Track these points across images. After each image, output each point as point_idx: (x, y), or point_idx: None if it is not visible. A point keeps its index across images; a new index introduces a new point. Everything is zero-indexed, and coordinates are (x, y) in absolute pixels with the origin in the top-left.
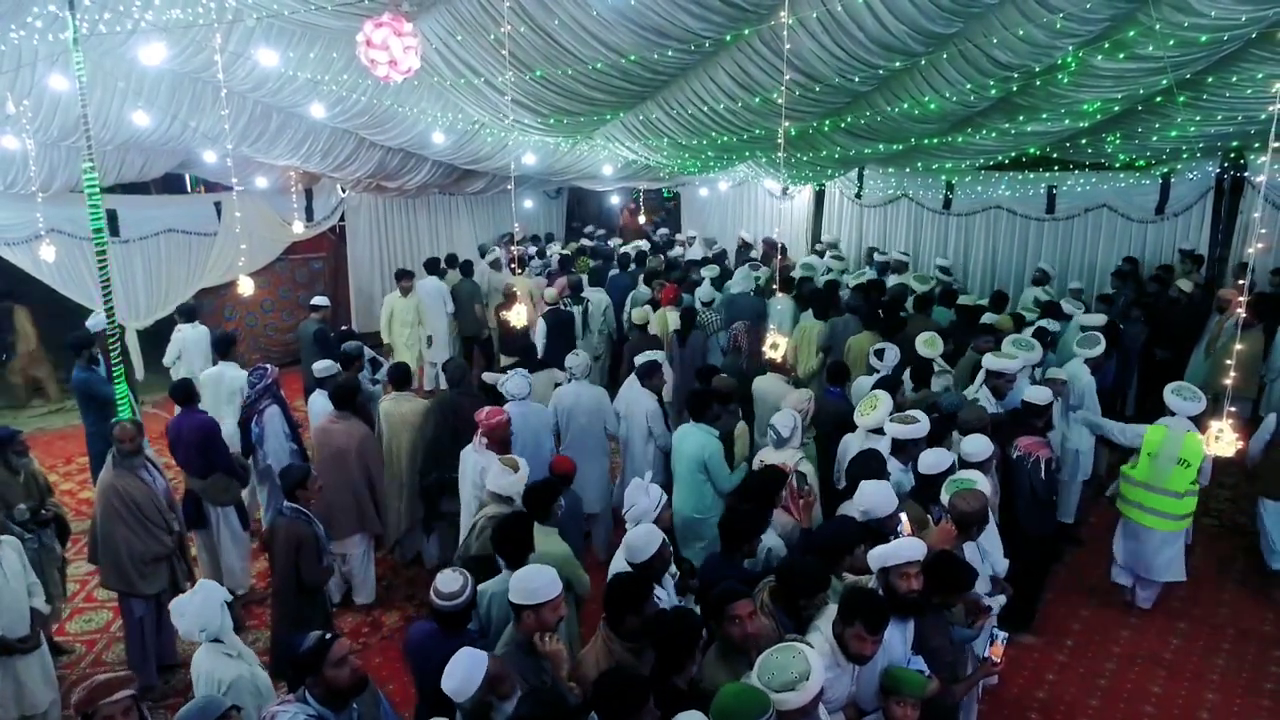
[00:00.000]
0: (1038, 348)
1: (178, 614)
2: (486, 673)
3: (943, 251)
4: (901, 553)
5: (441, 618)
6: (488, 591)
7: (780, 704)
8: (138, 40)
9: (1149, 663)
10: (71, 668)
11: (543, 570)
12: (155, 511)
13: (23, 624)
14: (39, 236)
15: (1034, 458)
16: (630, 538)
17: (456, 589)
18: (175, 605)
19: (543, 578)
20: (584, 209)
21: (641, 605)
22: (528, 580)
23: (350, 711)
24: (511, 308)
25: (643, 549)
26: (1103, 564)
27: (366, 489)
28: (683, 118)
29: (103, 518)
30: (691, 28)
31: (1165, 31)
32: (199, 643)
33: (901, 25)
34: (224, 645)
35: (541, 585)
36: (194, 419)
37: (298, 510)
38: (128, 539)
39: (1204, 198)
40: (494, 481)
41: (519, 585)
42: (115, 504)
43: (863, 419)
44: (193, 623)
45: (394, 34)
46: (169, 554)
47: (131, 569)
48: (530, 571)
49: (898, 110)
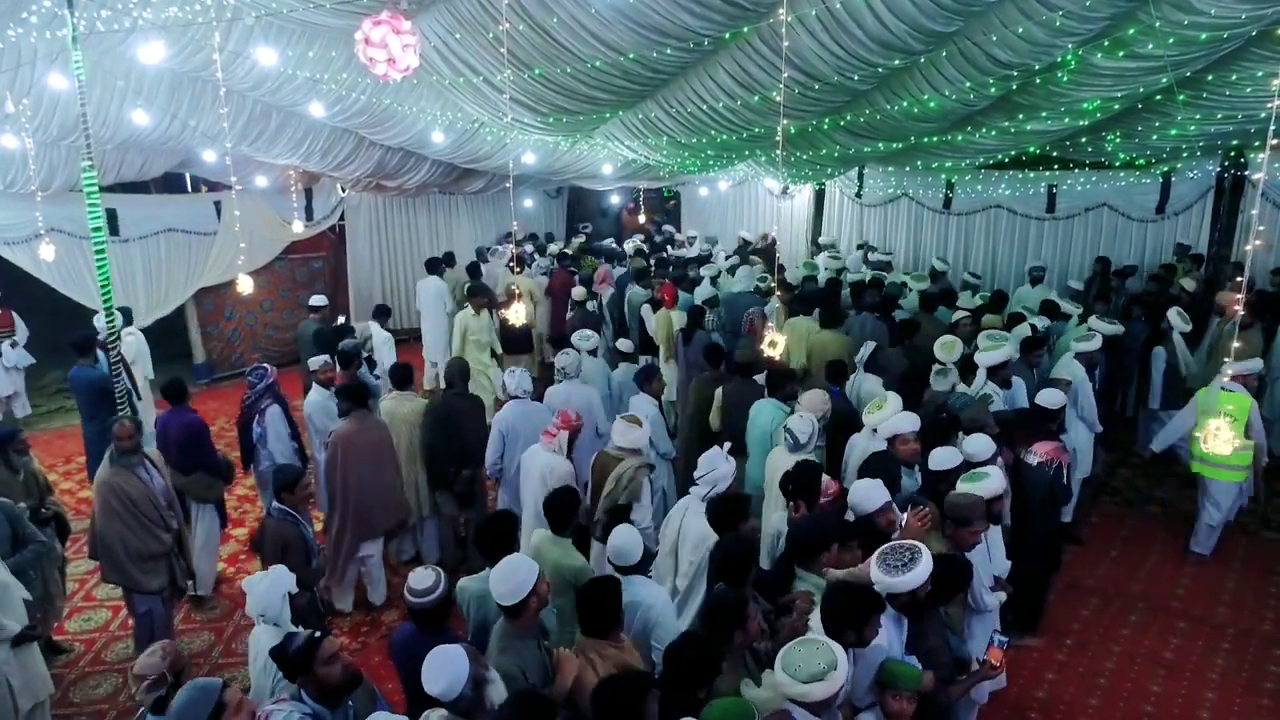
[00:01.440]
0: (1010, 339)
1: (248, 589)
2: (471, 667)
3: (943, 251)
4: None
5: (418, 616)
6: (467, 590)
7: (807, 695)
8: (136, 39)
9: (1149, 662)
10: (70, 666)
11: (515, 564)
12: (152, 509)
13: (23, 615)
14: (39, 236)
15: (1055, 463)
16: (617, 541)
17: (429, 585)
18: (248, 583)
19: (519, 571)
20: (584, 208)
21: (618, 606)
22: (506, 580)
23: (345, 709)
24: (510, 306)
25: (631, 553)
26: (1102, 563)
27: (398, 478)
28: (682, 116)
29: (100, 515)
30: (691, 26)
31: (1165, 30)
32: (263, 623)
33: (901, 24)
34: (277, 630)
35: (522, 579)
36: (183, 416)
37: (285, 511)
38: (124, 536)
39: (1204, 197)
40: (623, 437)
41: (502, 589)
42: (112, 502)
43: (870, 418)
44: (255, 603)
45: (393, 32)
46: (167, 552)
47: (130, 565)
48: (505, 572)
49: (897, 109)
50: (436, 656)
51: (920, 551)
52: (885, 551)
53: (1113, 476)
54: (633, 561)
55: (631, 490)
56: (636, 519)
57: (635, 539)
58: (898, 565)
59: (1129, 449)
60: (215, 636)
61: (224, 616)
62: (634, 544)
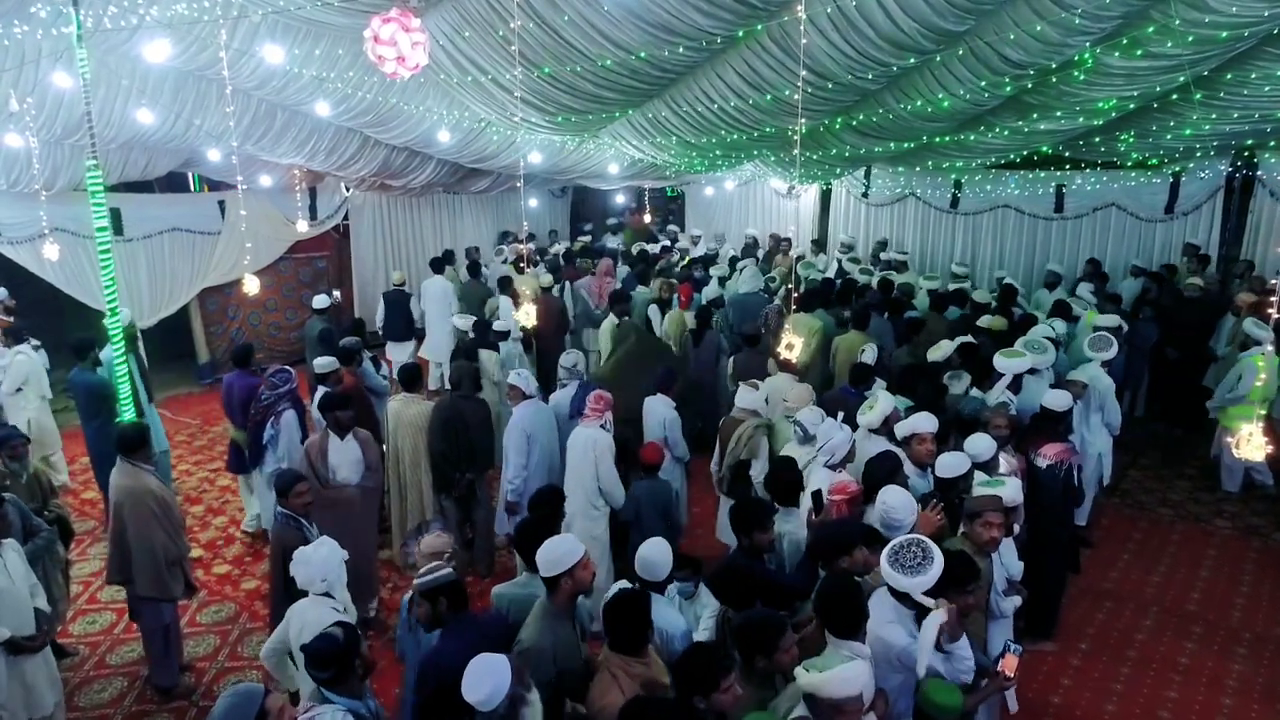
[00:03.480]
0: (1050, 350)
1: (303, 562)
2: (512, 684)
3: (950, 250)
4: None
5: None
6: (505, 596)
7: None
8: (142, 37)
9: (1164, 667)
10: (75, 670)
11: (561, 539)
12: (178, 513)
13: (29, 624)
14: (43, 235)
15: (1065, 465)
16: (647, 553)
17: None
18: (300, 555)
19: (564, 544)
20: (587, 208)
21: (648, 622)
22: (551, 552)
23: (367, 696)
24: (519, 308)
25: (661, 565)
26: (1115, 567)
27: None
28: (691, 116)
29: (135, 524)
30: (701, 25)
31: (1184, 29)
32: (315, 593)
33: (913, 22)
34: (333, 600)
35: (565, 551)
36: (245, 380)
37: (288, 516)
38: (165, 544)
39: (1214, 196)
40: (744, 400)
41: (546, 559)
42: (153, 506)
43: (863, 418)
44: (316, 572)
45: (402, 29)
46: (184, 556)
47: (167, 573)
48: (551, 543)
49: (909, 109)
50: (482, 663)
51: (930, 548)
52: (897, 549)
53: (1122, 478)
54: (659, 577)
55: (750, 448)
56: (754, 474)
57: (666, 554)
58: (912, 565)
59: (1140, 451)
60: (220, 640)
61: (229, 620)
62: (664, 559)
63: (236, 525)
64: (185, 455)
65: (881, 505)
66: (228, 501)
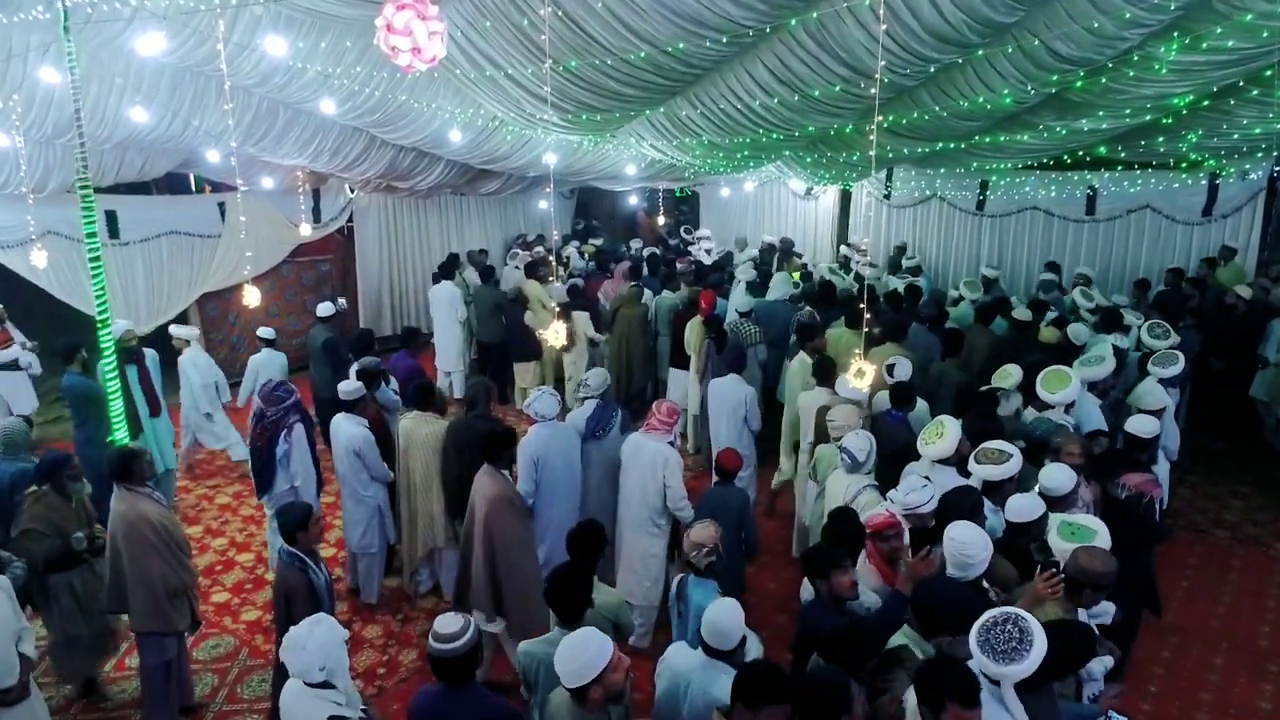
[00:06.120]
0: (1110, 359)
1: (296, 648)
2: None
3: (975, 254)
4: None
5: (442, 666)
6: (534, 655)
7: None
8: (135, 30)
9: (1243, 713)
10: (59, 714)
11: (585, 638)
12: (179, 535)
13: (10, 674)
14: (32, 240)
15: (1147, 497)
16: (717, 619)
17: (456, 630)
18: (292, 639)
19: (589, 648)
20: (594, 210)
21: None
22: (574, 659)
23: None
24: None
25: (731, 635)
26: (1175, 597)
27: None
28: (714, 115)
29: (133, 552)
30: (733, 15)
31: (1259, 23)
32: (311, 682)
33: (959, 13)
34: (333, 692)
35: (591, 657)
36: (406, 361)
37: (293, 555)
38: (163, 573)
39: (1255, 199)
40: (844, 389)
41: (568, 668)
42: (148, 535)
43: (928, 448)
44: (313, 659)
45: (418, 17)
46: (190, 584)
47: (167, 604)
48: (572, 649)
49: (967, 104)
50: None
51: (1029, 629)
52: (988, 628)
53: (1172, 497)
54: (728, 647)
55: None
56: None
57: (737, 617)
58: (1007, 652)
59: (1186, 467)
60: (219, 679)
61: (228, 656)
62: (734, 624)
63: (237, 548)
64: (181, 471)
65: (951, 542)
66: (227, 522)
